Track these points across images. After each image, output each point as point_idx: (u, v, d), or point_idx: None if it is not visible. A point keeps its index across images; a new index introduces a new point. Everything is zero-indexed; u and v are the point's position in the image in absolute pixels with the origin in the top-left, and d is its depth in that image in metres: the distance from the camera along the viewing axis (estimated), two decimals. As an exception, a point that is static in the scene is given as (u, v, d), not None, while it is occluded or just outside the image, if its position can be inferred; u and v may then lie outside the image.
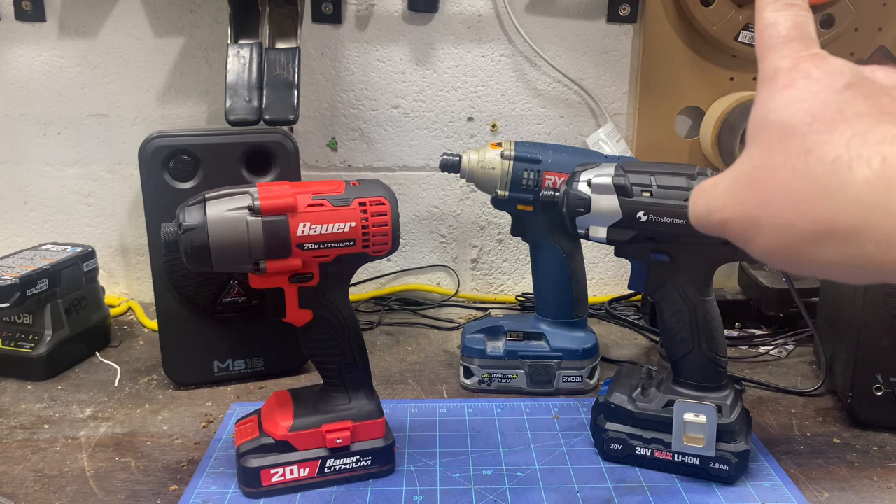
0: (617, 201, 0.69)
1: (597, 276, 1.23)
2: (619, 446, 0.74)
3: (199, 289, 0.88)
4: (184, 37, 1.10)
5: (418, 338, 1.08)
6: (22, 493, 0.70)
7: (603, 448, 0.75)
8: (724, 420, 0.71)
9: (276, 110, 0.91)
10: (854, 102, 0.31)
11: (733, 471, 0.71)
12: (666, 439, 0.72)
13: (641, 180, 0.69)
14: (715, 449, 0.70)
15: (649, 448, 0.73)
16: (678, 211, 0.67)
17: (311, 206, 0.65)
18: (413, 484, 0.71)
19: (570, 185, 0.72)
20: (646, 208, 0.69)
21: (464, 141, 1.16)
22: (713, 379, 0.73)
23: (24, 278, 0.90)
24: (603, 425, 0.75)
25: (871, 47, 1.10)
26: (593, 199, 0.70)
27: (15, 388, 0.91)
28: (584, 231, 0.72)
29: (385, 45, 1.12)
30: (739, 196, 0.34)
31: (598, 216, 0.71)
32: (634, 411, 0.74)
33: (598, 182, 0.70)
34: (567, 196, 0.72)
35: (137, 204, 1.03)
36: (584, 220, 0.72)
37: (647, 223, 0.69)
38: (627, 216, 0.69)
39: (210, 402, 0.88)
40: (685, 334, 0.72)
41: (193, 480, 0.71)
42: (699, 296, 0.72)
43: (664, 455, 0.73)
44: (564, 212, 0.73)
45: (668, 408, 0.72)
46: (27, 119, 1.12)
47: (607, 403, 0.76)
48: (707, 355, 0.72)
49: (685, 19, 1.09)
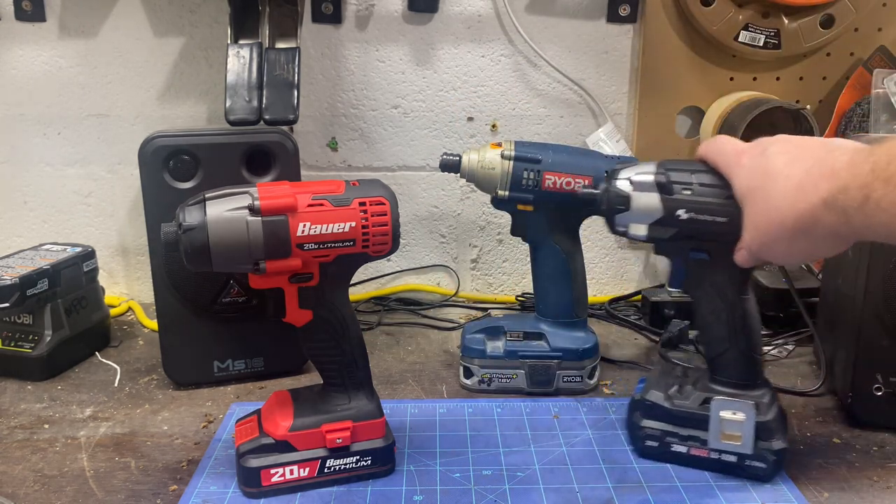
0: (658, 199, 0.69)
1: (597, 276, 1.23)
2: (654, 443, 0.74)
3: (199, 289, 0.88)
4: (184, 37, 1.10)
5: (418, 338, 1.08)
6: (22, 493, 0.70)
7: (639, 445, 0.75)
8: (762, 418, 0.70)
9: (276, 110, 0.91)
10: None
11: (770, 469, 0.70)
12: (702, 436, 0.72)
13: (682, 178, 0.69)
14: (753, 447, 0.70)
15: (685, 445, 0.73)
16: (718, 209, 0.67)
17: (311, 206, 0.65)
18: (413, 484, 0.71)
19: (610, 182, 0.72)
20: (686, 206, 0.68)
21: (464, 141, 1.16)
22: (750, 377, 0.73)
23: (24, 278, 0.90)
24: (639, 422, 0.75)
25: (871, 47, 1.10)
26: (633, 197, 0.70)
27: (15, 388, 0.91)
28: (623, 228, 0.72)
29: (385, 45, 1.12)
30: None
31: (638, 214, 0.70)
32: (671, 408, 0.74)
33: (639, 180, 0.70)
34: (607, 193, 0.72)
35: (137, 204, 1.03)
36: (623, 218, 0.71)
37: (687, 221, 0.69)
38: (668, 214, 0.69)
39: (210, 402, 0.88)
40: (723, 332, 0.72)
41: (193, 480, 0.71)
42: (737, 294, 0.71)
43: (700, 452, 0.73)
44: (604, 209, 0.73)
45: (704, 405, 0.72)
46: (27, 119, 1.12)
47: (644, 400, 0.76)
48: (744, 353, 0.72)
49: (685, 19, 1.09)
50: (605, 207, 0.72)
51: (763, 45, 1.08)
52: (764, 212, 0.60)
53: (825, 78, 1.13)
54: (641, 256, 1.23)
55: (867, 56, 1.10)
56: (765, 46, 1.08)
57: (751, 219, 0.62)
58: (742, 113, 1.04)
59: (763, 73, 1.13)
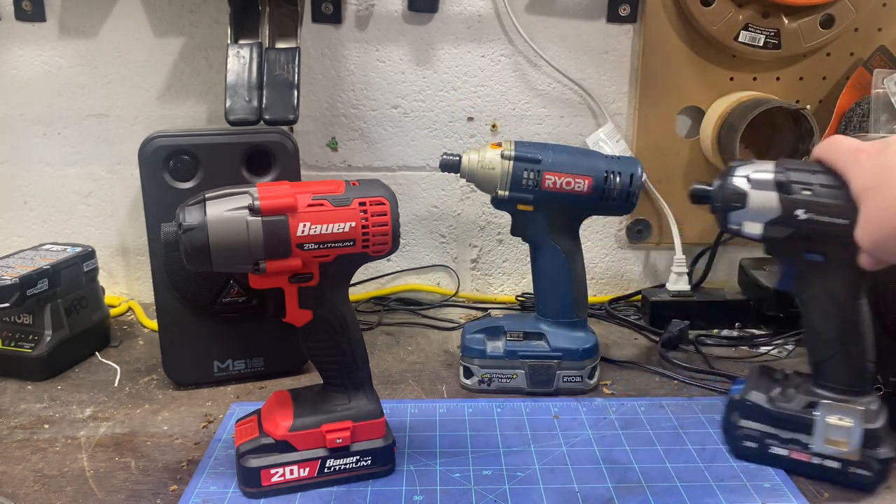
0: (776, 198, 0.68)
1: (597, 276, 1.23)
2: (753, 444, 0.73)
3: (199, 289, 0.88)
4: (184, 37, 1.10)
5: (418, 338, 1.08)
6: (22, 493, 0.70)
7: (736, 445, 0.75)
8: (871, 425, 0.69)
9: (276, 110, 0.91)
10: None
11: (875, 477, 0.69)
12: (804, 440, 0.71)
13: (803, 178, 0.68)
14: (859, 453, 0.69)
15: (786, 448, 0.72)
16: (839, 211, 0.66)
17: (311, 206, 0.65)
18: (413, 484, 0.71)
19: (725, 179, 0.71)
20: (806, 206, 0.67)
21: (464, 141, 1.16)
22: (858, 383, 0.71)
23: (24, 278, 0.90)
24: (737, 422, 0.74)
25: (871, 47, 1.10)
26: (751, 195, 0.69)
27: (15, 388, 0.91)
28: (737, 226, 0.71)
29: (385, 45, 1.12)
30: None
31: (754, 212, 0.69)
32: (773, 410, 0.73)
33: (758, 178, 0.69)
34: (722, 190, 0.71)
35: (137, 204, 1.03)
36: (738, 216, 0.70)
37: (806, 221, 0.67)
38: (786, 213, 0.68)
39: (210, 402, 0.88)
40: (832, 336, 0.71)
41: (193, 480, 0.71)
42: (851, 298, 0.70)
43: (802, 456, 0.72)
44: (718, 206, 0.72)
45: (808, 409, 0.71)
46: (27, 119, 1.12)
47: (744, 401, 0.74)
48: (855, 359, 0.70)
49: (685, 19, 1.09)
50: (720, 204, 0.71)
51: (763, 45, 1.08)
52: (883, 208, 0.60)
53: (825, 78, 1.13)
54: (641, 256, 1.23)
55: (867, 56, 1.10)
56: (765, 46, 1.08)
57: (867, 216, 0.61)
58: (742, 113, 1.04)
59: (763, 73, 1.13)
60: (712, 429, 0.81)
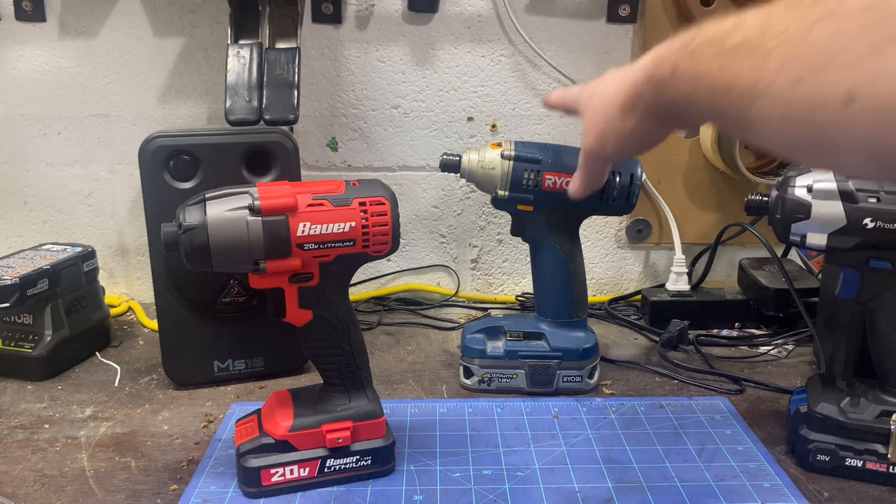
0: (841, 207, 0.67)
1: (597, 276, 1.23)
2: (826, 457, 0.72)
3: (199, 289, 0.88)
4: (184, 37, 1.10)
5: (418, 338, 1.08)
6: (22, 493, 0.70)
7: (808, 459, 0.73)
8: None
9: (276, 110, 0.92)
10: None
11: None
12: (880, 450, 0.70)
13: (868, 185, 0.66)
14: None
15: (860, 459, 0.71)
16: None
17: (311, 206, 0.65)
18: (413, 484, 0.71)
19: (785, 190, 0.69)
20: (874, 215, 0.66)
21: (464, 141, 1.16)
22: None
23: (24, 278, 0.90)
24: (808, 436, 0.73)
25: (871, 47, 1.10)
26: (814, 205, 0.67)
27: (15, 388, 0.91)
28: (799, 238, 0.69)
29: (385, 45, 1.12)
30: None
31: (818, 223, 0.67)
32: (846, 422, 0.71)
33: (821, 187, 0.67)
34: (783, 202, 0.69)
35: (137, 204, 1.03)
36: (801, 227, 0.68)
37: (873, 230, 0.66)
38: (853, 223, 0.66)
39: (210, 402, 0.88)
40: None
41: (193, 480, 0.71)
42: None
43: (877, 466, 0.71)
44: (778, 217, 0.70)
45: (882, 418, 0.70)
46: (27, 119, 1.13)
47: (813, 413, 0.73)
48: None
49: (685, 19, 1.09)
50: (780, 216, 0.70)
51: (763, 45, 1.08)
52: (599, 102, 0.62)
53: (825, 78, 1.13)
54: (641, 256, 1.23)
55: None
56: (765, 46, 1.08)
57: (587, 118, 0.64)
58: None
59: (763, 73, 1.12)
60: (712, 429, 0.81)
